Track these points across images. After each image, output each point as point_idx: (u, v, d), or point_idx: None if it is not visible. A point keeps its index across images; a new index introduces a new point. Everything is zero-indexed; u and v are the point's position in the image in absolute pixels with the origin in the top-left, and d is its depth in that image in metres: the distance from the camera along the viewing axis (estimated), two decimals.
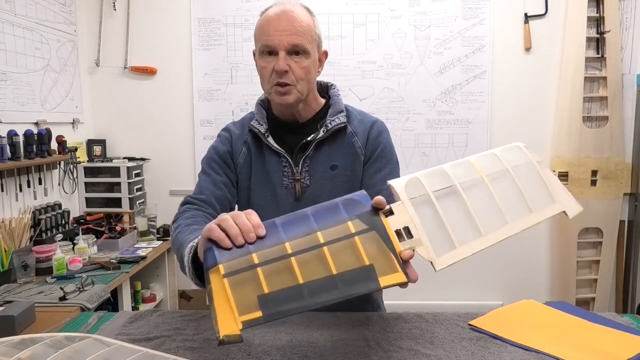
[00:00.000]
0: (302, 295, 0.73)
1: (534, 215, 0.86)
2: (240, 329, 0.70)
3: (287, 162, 1.19)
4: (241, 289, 0.74)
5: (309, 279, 0.75)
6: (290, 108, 1.17)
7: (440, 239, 0.82)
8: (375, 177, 1.19)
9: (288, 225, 0.83)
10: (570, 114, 2.82)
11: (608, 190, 2.85)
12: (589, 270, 2.95)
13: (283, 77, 1.11)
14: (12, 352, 0.75)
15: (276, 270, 0.76)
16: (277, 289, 0.74)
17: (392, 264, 0.77)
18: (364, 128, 1.22)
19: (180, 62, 2.98)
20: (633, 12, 2.84)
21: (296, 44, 1.10)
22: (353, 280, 0.75)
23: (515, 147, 0.94)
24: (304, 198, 1.19)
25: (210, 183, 1.19)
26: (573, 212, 0.89)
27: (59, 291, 1.78)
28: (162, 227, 2.90)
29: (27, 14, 2.43)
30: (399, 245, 0.80)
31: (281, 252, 0.78)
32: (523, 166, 0.91)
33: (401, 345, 0.94)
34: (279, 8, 1.13)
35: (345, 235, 0.80)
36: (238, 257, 0.78)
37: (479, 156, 0.92)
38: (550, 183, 0.91)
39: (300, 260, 0.77)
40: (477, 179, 0.88)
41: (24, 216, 2.22)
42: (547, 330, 1.00)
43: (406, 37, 2.90)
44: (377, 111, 2.91)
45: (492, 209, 0.86)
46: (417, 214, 0.83)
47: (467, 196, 0.86)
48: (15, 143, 2.20)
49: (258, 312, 0.72)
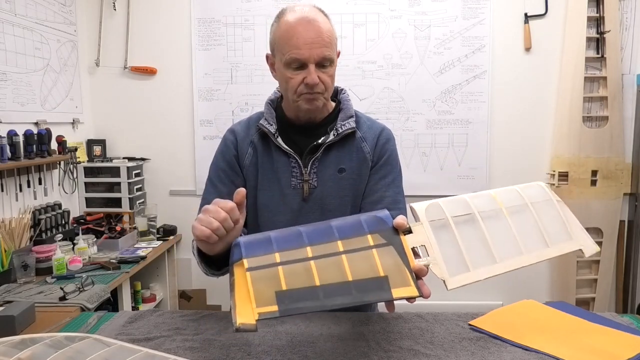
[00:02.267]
0: (318, 296, 0.78)
1: (550, 250, 0.90)
2: (256, 320, 0.75)
3: (297, 163, 1.19)
4: (261, 284, 0.80)
5: (325, 282, 0.79)
6: (317, 112, 1.19)
7: (454, 260, 0.87)
8: (380, 183, 1.22)
9: (311, 233, 0.88)
10: (570, 114, 2.82)
11: (608, 190, 2.85)
12: (589, 270, 2.95)
13: (314, 88, 1.12)
14: (12, 352, 0.75)
15: (296, 270, 0.81)
16: (294, 288, 0.79)
17: (406, 278, 0.81)
18: (372, 134, 1.24)
19: (180, 62, 2.98)
20: (633, 12, 2.84)
21: (326, 56, 1.11)
22: (367, 288, 0.79)
23: (536, 185, 0.98)
24: (311, 199, 1.20)
25: (216, 196, 1.19)
26: (590, 251, 0.92)
27: (59, 291, 1.78)
28: (162, 227, 2.90)
29: (27, 14, 2.43)
30: (415, 262, 0.84)
31: (302, 255, 0.83)
32: (542, 203, 0.94)
33: (401, 345, 0.94)
34: (301, 16, 1.12)
35: (363, 246, 0.84)
36: (262, 255, 0.84)
37: (499, 190, 0.96)
38: (569, 221, 0.94)
39: (319, 264, 0.82)
40: (497, 210, 0.92)
41: (24, 216, 2.22)
42: (547, 330, 1.00)
43: (406, 37, 2.90)
44: (377, 111, 2.91)
45: (509, 239, 0.89)
46: (434, 235, 0.88)
47: (485, 225, 0.90)
48: (15, 143, 2.20)
49: (274, 306, 0.76)
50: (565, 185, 2.87)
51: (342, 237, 0.86)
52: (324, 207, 1.20)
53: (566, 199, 2.86)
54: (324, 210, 1.20)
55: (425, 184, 2.91)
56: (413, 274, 0.82)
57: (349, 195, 1.20)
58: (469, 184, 2.94)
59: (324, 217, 1.18)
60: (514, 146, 2.95)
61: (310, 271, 0.81)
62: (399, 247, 0.85)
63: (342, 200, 1.20)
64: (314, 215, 1.19)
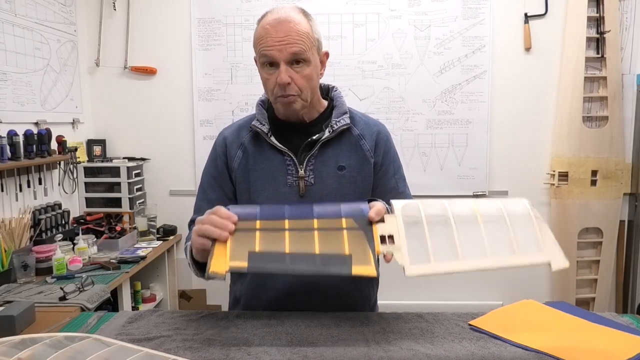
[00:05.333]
0: (284, 261, 0.88)
1: (515, 258, 0.91)
2: (226, 270, 0.86)
3: (292, 161, 1.19)
4: (238, 243, 0.91)
5: (294, 251, 0.89)
6: (296, 114, 1.18)
7: (418, 252, 0.91)
8: (392, 180, 1.26)
9: (293, 210, 0.98)
10: (570, 114, 2.82)
11: (608, 190, 2.85)
12: (589, 270, 2.96)
13: (286, 89, 1.12)
14: (12, 352, 0.75)
15: (271, 237, 0.92)
16: (266, 251, 0.90)
17: (368, 259, 0.89)
18: (370, 132, 1.25)
19: (180, 62, 2.98)
20: (633, 12, 2.84)
21: (295, 52, 1.10)
22: (330, 262, 0.89)
23: (520, 201, 1.00)
24: (308, 196, 1.19)
25: (206, 202, 1.24)
26: (558, 265, 0.91)
27: (59, 291, 1.78)
28: (162, 227, 2.90)
29: (27, 14, 2.42)
30: (380, 247, 0.91)
31: (280, 225, 0.94)
32: (520, 217, 0.97)
33: (401, 345, 0.94)
34: (274, 16, 1.12)
35: (336, 227, 0.94)
36: (245, 221, 0.95)
37: (482, 200, 1.03)
38: (543, 236, 0.95)
39: (292, 235, 0.92)
40: (472, 216, 0.96)
41: (24, 216, 2.22)
42: (547, 330, 1.00)
43: (406, 37, 2.90)
44: (377, 111, 2.91)
45: (476, 242, 0.93)
46: (405, 228, 0.94)
47: (456, 227, 0.94)
48: (15, 143, 2.20)
49: (245, 263, 0.88)
50: (565, 185, 2.87)
51: (318, 217, 0.95)
52: None
53: (566, 199, 2.87)
54: None
55: (425, 184, 2.91)
56: (376, 257, 0.90)
57: (350, 193, 1.20)
58: (468, 184, 2.94)
59: None
60: (514, 146, 2.95)
61: (283, 240, 0.91)
62: (368, 233, 0.93)
63: (342, 198, 1.19)
64: None
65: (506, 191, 2.96)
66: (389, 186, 1.25)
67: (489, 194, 2.94)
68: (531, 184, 2.96)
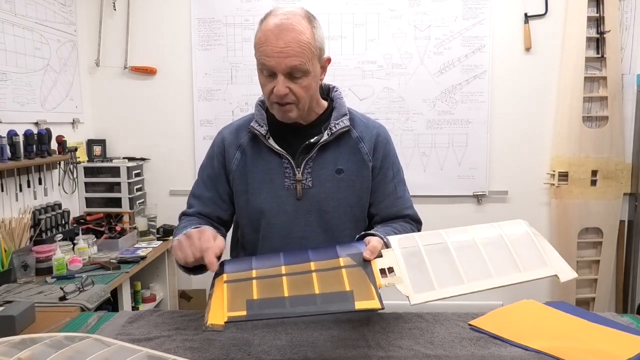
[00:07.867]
0: (284, 305, 0.86)
1: (522, 274, 0.92)
2: (225, 322, 0.83)
3: (289, 163, 1.18)
4: (235, 293, 0.89)
5: (293, 294, 0.88)
6: (292, 120, 1.17)
7: (421, 280, 0.91)
8: (391, 184, 1.25)
9: (289, 256, 0.98)
10: (570, 114, 2.82)
11: (608, 190, 2.85)
12: (589, 270, 2.95)
13: (283, 99, 1.10)
14: (12, 352, 0.75)
15: (268, 284, 0.90)
16: (264, 297, 0.87)
17: (370, 293, 0.87)
18: (370, 135, 1.23)
19: (180, 62, 2.98)
20: (633, 12, 2.84)
21: (295, 65, 1.07)
22: (332, 300, 0.86)
23: (515, 222, 1.01)
24: (307, 200, 1.18)
25: (199, 200, 1.26)
26: (565, 277, 0.92)
27: (59, 291, 1.78)
28: (162, 227, 2.90)
29: (27, 14, 2.42)
30: (380, 280, 0.90)
31: (276, 272, 0.93)
32: (519, 235, 0.98)
33: (401, 345, 0.94)
34: (277, 21, 1.07)
35: (334, 267, 0.93)
36: (241, 271, 0.95)
37: (477, 226, 1.01)
38: (545, 250, 0.96)
39: (290, 280, 0.91)
40: (470, 241, 0.97)
41: (24, 216, 2.22)
42: (547, 330, 1.00)
43: (406, 37, 2.90)
44: (377, 111, 2.91)
45: (479, 264, 0.93)
46: (402, 258, 0.94)
47: (456, 253, 0.94)
48: (15, 143, 2.20)
49: (244, 311, 0.85)
50: (565, 185, 2.87)
51: (315, 260, 0.95)
52: (321, 209, 1.19)
53: (566, 199, 2.87)
54: (321, 211, 1.19)
55: (425, 184, 2.91)
56: (378, 290, 0.87)
57: (348, 197, 1.19)
58: (469, 184, 2.94)
59: (321, 218, 1.19)
60: (514, 146, 2.95)
61: (281, 285, 0.89)
62: (367, 269, 0.92)
63: (340, 202, 1.19)
64: (311, 216, 1.18)
65: (506, 191, 2.96)
66: (387, 190, 1.24)
67: (488, 193, 2.94)
68: (531, 184, 2.96)
